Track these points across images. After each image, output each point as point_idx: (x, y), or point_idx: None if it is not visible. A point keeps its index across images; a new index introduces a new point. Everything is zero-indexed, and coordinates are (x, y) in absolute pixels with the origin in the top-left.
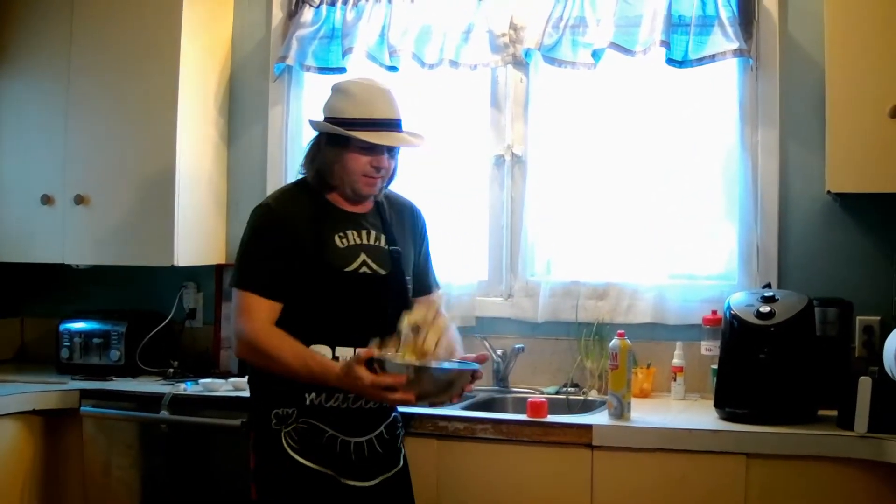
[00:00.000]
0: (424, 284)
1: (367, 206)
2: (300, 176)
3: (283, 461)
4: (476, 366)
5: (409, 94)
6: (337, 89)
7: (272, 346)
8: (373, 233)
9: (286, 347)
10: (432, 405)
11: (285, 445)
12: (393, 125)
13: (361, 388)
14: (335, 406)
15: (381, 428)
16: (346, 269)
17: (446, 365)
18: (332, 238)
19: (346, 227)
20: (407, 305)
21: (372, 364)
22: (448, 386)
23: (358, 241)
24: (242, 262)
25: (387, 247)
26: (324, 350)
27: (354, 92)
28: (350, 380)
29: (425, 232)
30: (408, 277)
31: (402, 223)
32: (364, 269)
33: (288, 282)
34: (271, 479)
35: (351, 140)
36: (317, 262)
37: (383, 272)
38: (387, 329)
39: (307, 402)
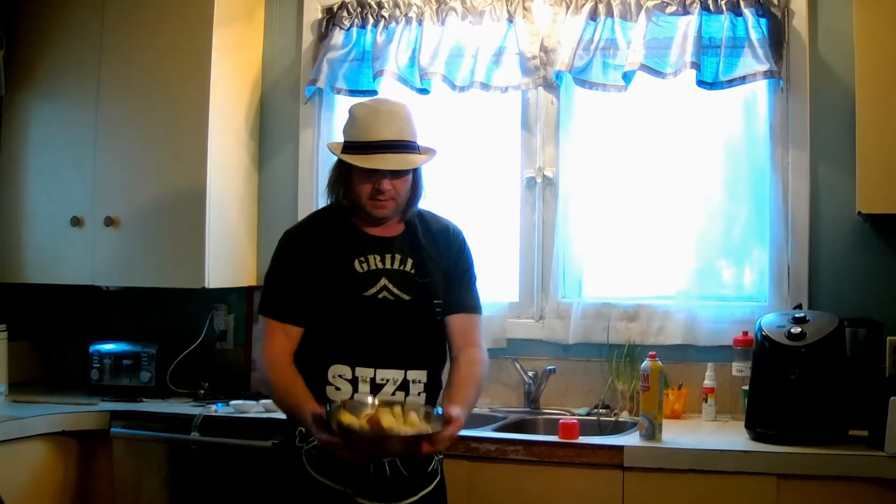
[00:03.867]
0: (456, 304)
1: (396, 230)
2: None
3: (302, 477)
4: (436, 427)
5: (440, 116)
6: (348, 112)
7: (274, 380)
8: (398, 257)
9: (286, 384)
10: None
11: (305, 462)
12: (387, 147)
13: (318, 441)
14: None
15: None
16: (365, 294)
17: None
18: (352, 263)
19: (368, 251)
20: (433, 329)
21: (325, 423)
22: (404, 450)
23: (379, 266)
24: (265, 289)
25: (413, 271)
26: (343, 370)
27: (356, 115)
28: (314, 434)
29: (463, 252)
30: (437, 301)
31: (435, 245)
32: (384, 293)
33: (308, 306)
34: (291, 494)
35: (353, 164)
36: (335, 286)
37: (407, 297)
38: (408, 351)
39: None
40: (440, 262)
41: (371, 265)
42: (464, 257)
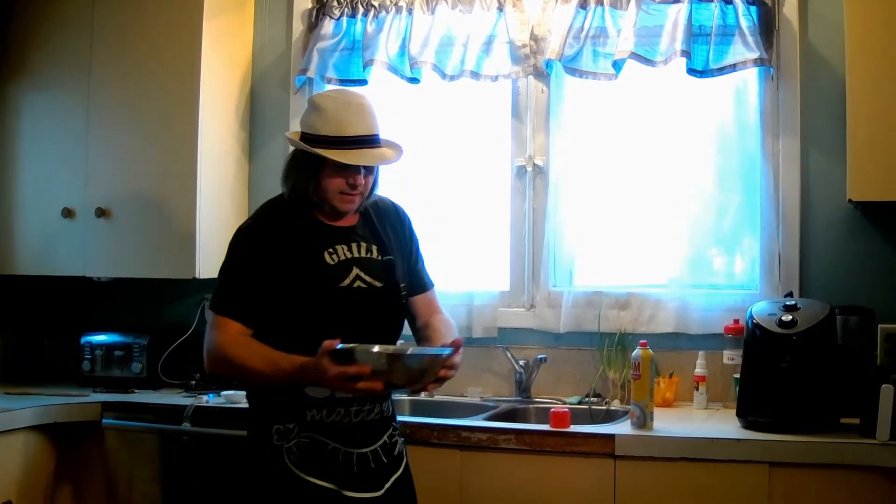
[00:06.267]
0: (419, 285)
1: (353, 219)
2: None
3: (285, 477)
4: (447, 351)
5: (430, 105)
6: (310, 103)
7: (239, 355)
8: (363, 245)
9: (255, 354)
10: (412, 391)
11: (287, 461)
12: (365, 142)
13: (327, 379)
14: (337, 420)
15: (385, 438)
16: (341, 286)
17: (415, 351)
18: (321, 255)
19: (335, 242)
20: (401, 315)
21: (339, 356)
22: (420, 374)
23: (349, 256)
24: (221, 286)
25: (380, 257)
26: None
27: (325, 107)
28: (317, 372)
29: (412, 230)
30: (402, 285)
31: (391, 229)
32: (358, 283)
33: (269, 306)
34: (272, 495)
35: (325, 159)
36: (307, 281)
37: (379, 284)
38: (381, 338)
39: (308, 419)
40: (398, 243)
41: (340, 256)
42: (414, 235)
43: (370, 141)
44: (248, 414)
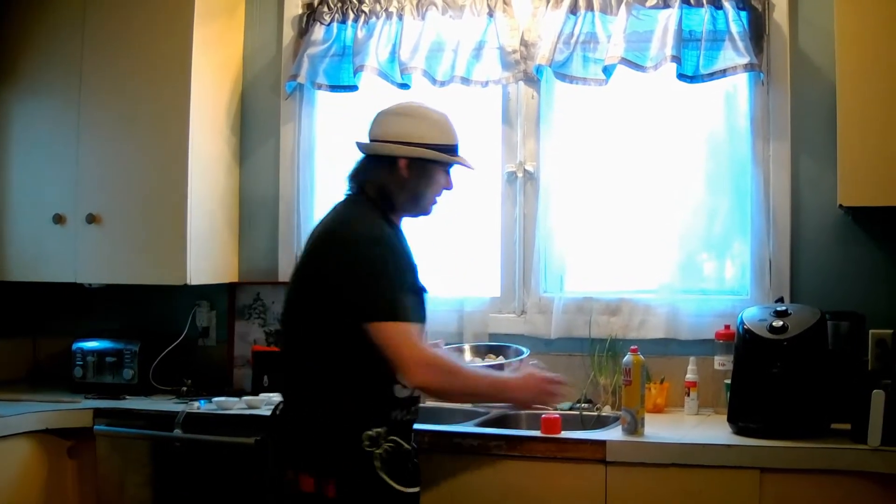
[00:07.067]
0: None
1: None
2: (349, 196)
3: (378, 487)
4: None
5: None
6: (409, 114)
7: (459, 366)
8: (410, 247)
9: (468, 370)
10: None
11: (378, 469)
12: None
13: (539, 389)
14: (409, 419)
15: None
16: (425, 286)
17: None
18: (412, 256)
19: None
20: None
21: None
22: None
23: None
24: (391, 295)
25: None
26: None
27: (435, 119)
28: (526, 383)
29: None
30: None
31: None
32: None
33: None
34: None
35: (441, 165)
36: (417, 282)
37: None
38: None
39: (392, 419)
40: None
41: (415, 258)
42: None
43: None
44: (319, 420)
